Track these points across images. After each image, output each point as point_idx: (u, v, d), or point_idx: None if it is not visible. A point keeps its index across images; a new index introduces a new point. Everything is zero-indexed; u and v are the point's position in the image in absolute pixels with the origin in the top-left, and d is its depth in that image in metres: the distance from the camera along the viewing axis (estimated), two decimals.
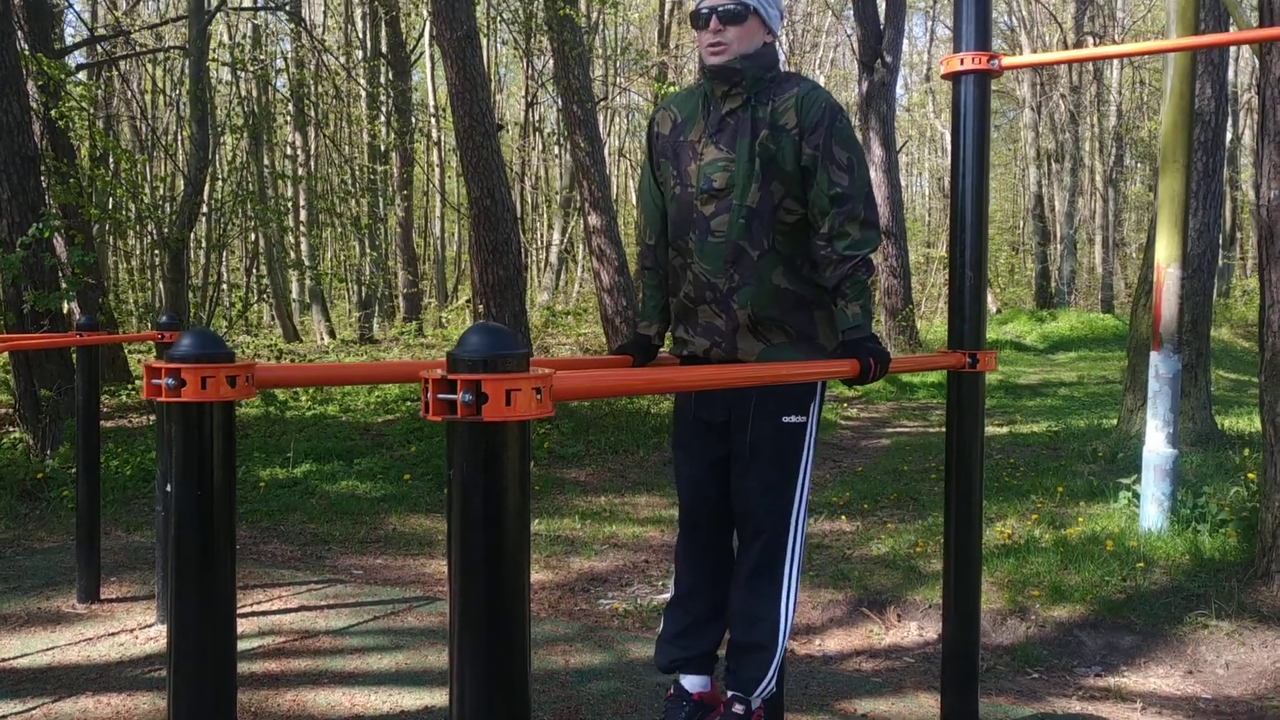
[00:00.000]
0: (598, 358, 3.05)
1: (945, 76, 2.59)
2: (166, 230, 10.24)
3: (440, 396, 1.24)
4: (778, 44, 2.79)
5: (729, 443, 2.73)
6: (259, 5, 17.04)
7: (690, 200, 2.67)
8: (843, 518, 5.91)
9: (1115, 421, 8.55)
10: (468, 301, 20.32)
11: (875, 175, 16.17)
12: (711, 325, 2.69)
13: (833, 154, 2.58)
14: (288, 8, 17.18)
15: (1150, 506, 5.14)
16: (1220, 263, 13.52)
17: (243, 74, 15.63)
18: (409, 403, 10.12)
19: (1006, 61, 2.55)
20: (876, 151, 15.81)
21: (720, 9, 2.59)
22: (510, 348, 1.26)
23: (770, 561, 2.68)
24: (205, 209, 13.01)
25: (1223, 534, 4.79)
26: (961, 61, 2.53)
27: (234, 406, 1.51)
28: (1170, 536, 4.88)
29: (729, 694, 2.75)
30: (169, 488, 1.48)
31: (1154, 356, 5.24)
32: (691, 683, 2.84)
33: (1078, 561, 4.59)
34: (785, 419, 2.66)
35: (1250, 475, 5.32)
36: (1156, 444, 5.17)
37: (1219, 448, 7.29)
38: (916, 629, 4.17)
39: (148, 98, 21.49)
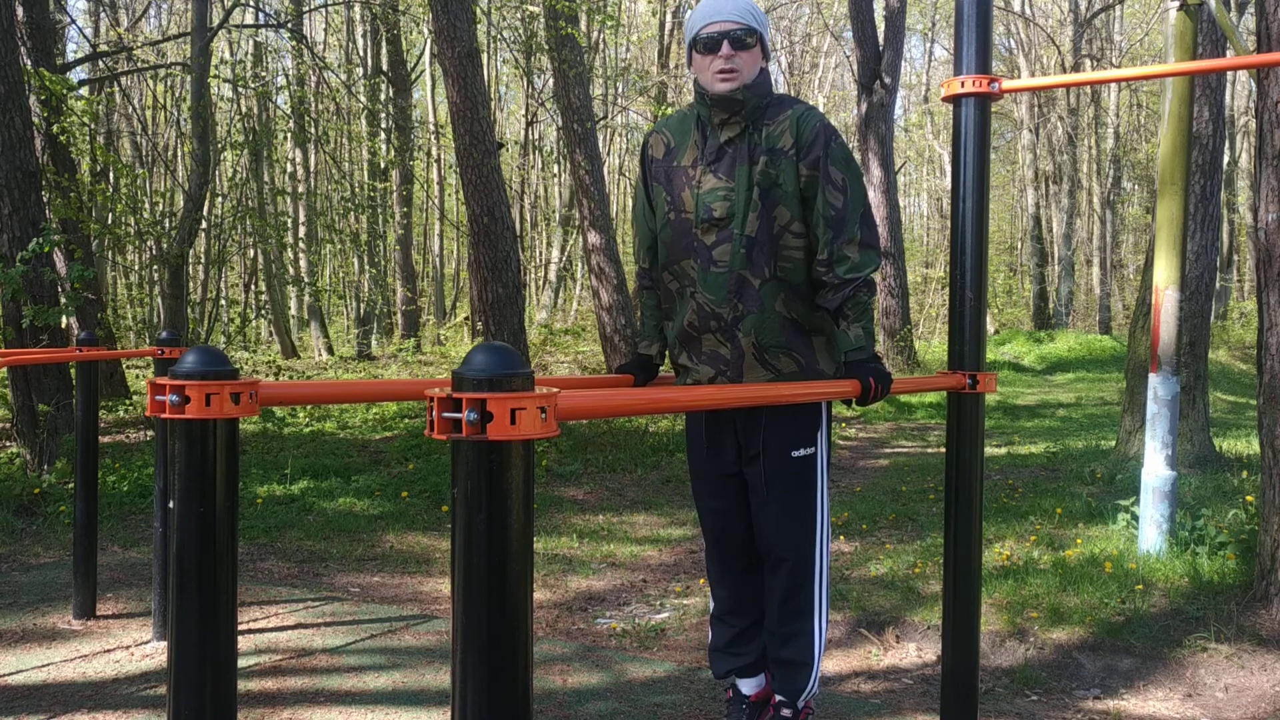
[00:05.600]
0: (599, 377, 3.06)
1: (946, 99, 2.60)
2: (166, 246, 10.25)
3: (445, 415, 1.25)
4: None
5: (746, 475, 2.79)
6: (261, 23, 17.11)
7: (688, 228, 2.66)
8: (841, 538, 5.90)
9: (1113, 443, 8.55)
10: (466, 319, 20.33)
11: (874, 196, 16.23)
12: (716, 354, 2.69)
13: (829, 174, 2.57)
14: (289, 25, 17.26)
15: (1149, 529, 5.13)
16: (1218, 285, 13.56)
17: (244, 91, 15.67)
18: (407, 420, 10.11)
19: (1007, 85, 2.57)
20: (875, 172, 15.88)
21: (733, 34, 2.55)
22: (515, 367, 1.26)
23: (798, 586, 2.75)
24: (205, 225, 13.02)
25: (1221, 557, 4.79)
26: (962, 84, 2.54)
27: (238, 424, 1.51)
28: (1169, 559, 4.87)
29: (776, 697, 2.85)
30: (171, 505, 1.47)
31: (1152, 378, 5.24)
32: (748, 685, 2.95)
33: (1076, 583, 4.58)
34: (794, 453, 2.69)
35: (1249, 498, 5.32)
36: (1155, 466, 5.17)
37: (1217, 470, 7.29)
38: (915, 650, 4.16)
39: (149, 113, 21.55)
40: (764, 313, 2.63)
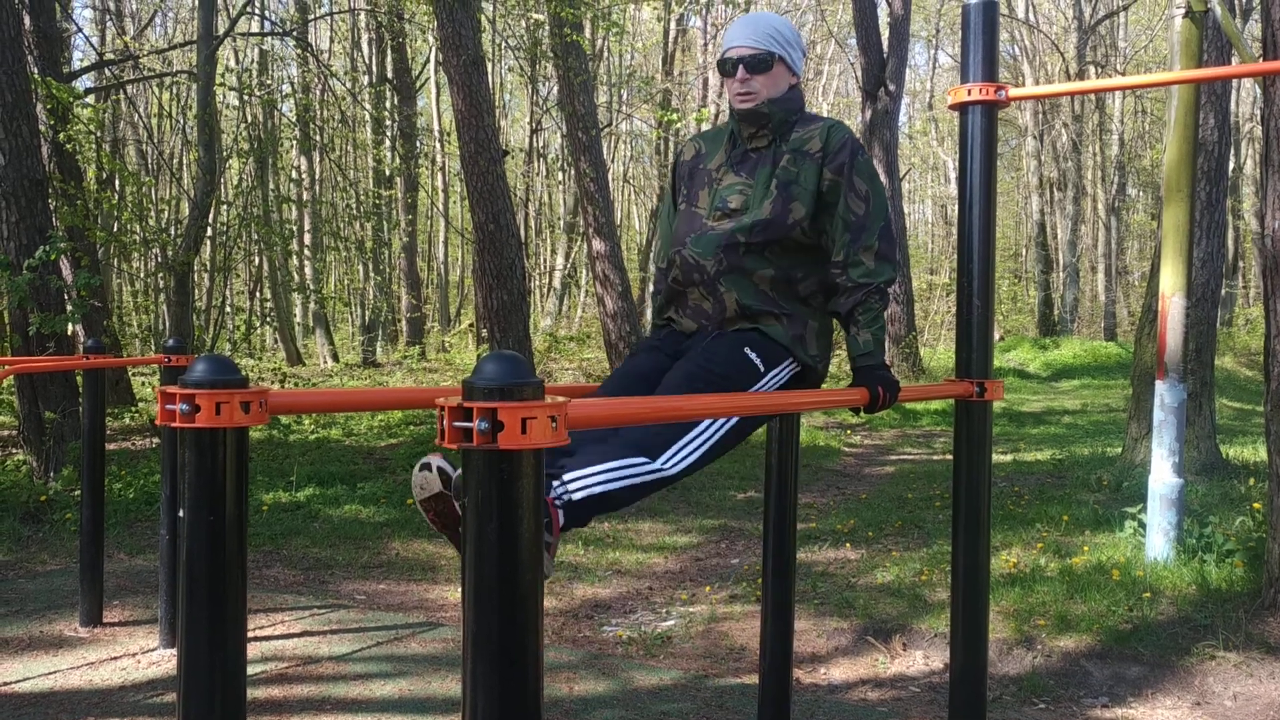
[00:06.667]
0: None
1: (952, 107, 2.61)
2: (172, 253, 10.27)
3: (456, 424, 1.25)
4: (801, 85, 2.83)
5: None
6: (267, 31, 17.17)
7: (697, 218, 2.73)
8: (847, 545, 5.89)
9: (1120, 450, 8.53)
10: (470, 326, 20.34)
11: None
12: (700, 308, 2.69)
13: (853, 182, 2.64)
14: (295, 34, 17.32)
15: (1156, 536, 5.12)
16: (1223, 292, 13.55)
17: (249, 99, 15.72)
18: (412, 427, 10.11)
19: (1013, 93, 2.57)
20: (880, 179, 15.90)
21: (747, 59, 2.66)
22: (526, 376, 1.26)
23: (657, 437, 2.39)
24: (210, 232, 13.06)
25: (1229, 564, 4.77)
26: (969, 92, 2.55)
27: (247, 432, 1.51)
28: (1176, 566, 4.86)
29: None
30: (180, 513, 1.47)
31: (1159, 385, 5.23)
32: None
33: (1084, 591, 4.57)
34: (747, 350, 2.56)
35: (1256, 505, 5.30)
36: (1162, 473, 5.16)
37: (1224, 477, 7.27)
38: (922, 658, 4.15)
39: (155, 121, 21.59)
40: (745, 276, 2.60)
